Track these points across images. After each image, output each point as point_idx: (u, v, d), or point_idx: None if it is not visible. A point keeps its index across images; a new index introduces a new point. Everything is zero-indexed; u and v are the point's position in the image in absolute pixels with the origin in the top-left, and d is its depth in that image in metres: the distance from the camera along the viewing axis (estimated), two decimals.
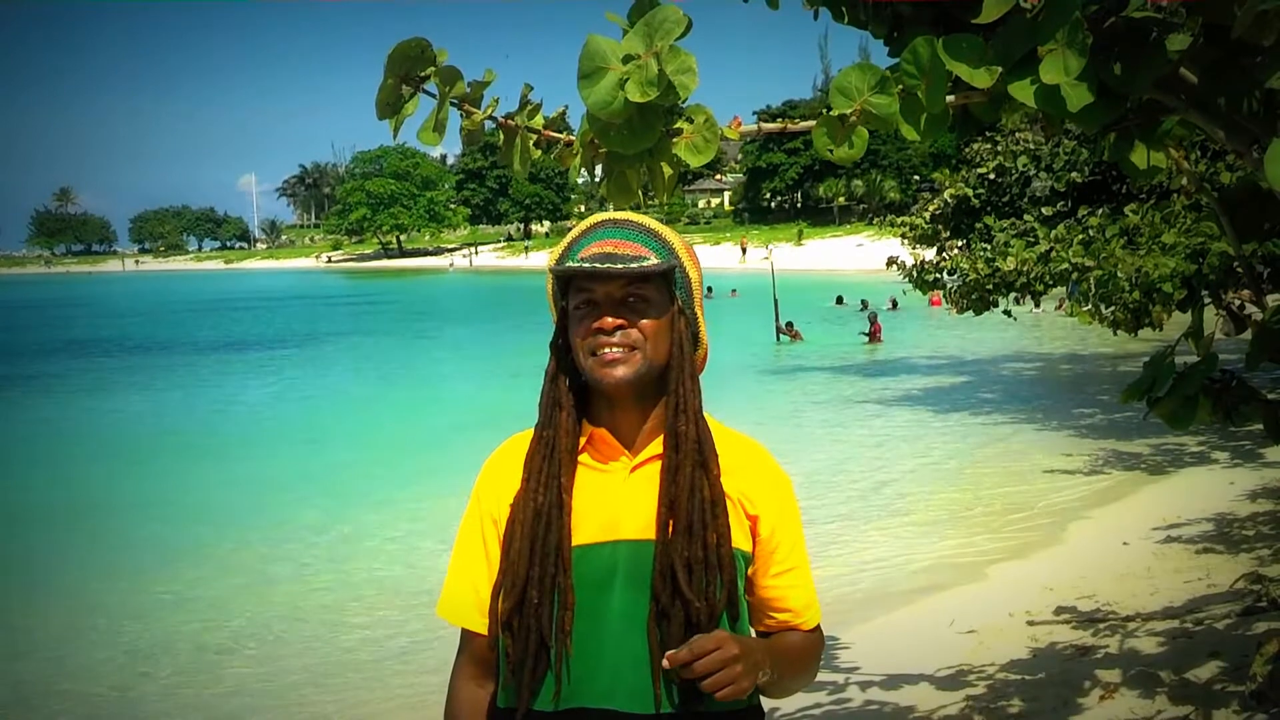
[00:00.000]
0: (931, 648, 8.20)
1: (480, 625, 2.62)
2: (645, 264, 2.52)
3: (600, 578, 2.54)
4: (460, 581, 2.67)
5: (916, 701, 7.06)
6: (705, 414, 2.63)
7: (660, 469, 2.56)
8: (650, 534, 2.53)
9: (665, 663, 2.39)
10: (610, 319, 2.51)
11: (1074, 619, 8.51)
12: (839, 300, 49.95)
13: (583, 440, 2.62)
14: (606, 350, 2.51)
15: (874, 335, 33.73)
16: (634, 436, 2.62)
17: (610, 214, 2.72)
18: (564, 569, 2.52)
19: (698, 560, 2.50)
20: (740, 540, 2.60)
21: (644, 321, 2.53)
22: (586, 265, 2.49)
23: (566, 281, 2.60)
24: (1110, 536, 11.25)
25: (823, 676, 7.75)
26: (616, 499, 2.57)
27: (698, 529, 2.51)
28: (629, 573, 2.53)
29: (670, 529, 2.51)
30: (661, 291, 2.59)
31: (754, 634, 2.70)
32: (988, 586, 10.15)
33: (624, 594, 2.53)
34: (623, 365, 2.51)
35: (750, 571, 2.66)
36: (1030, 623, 8.56)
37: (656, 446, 2.60)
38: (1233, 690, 6.25)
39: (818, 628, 2.78)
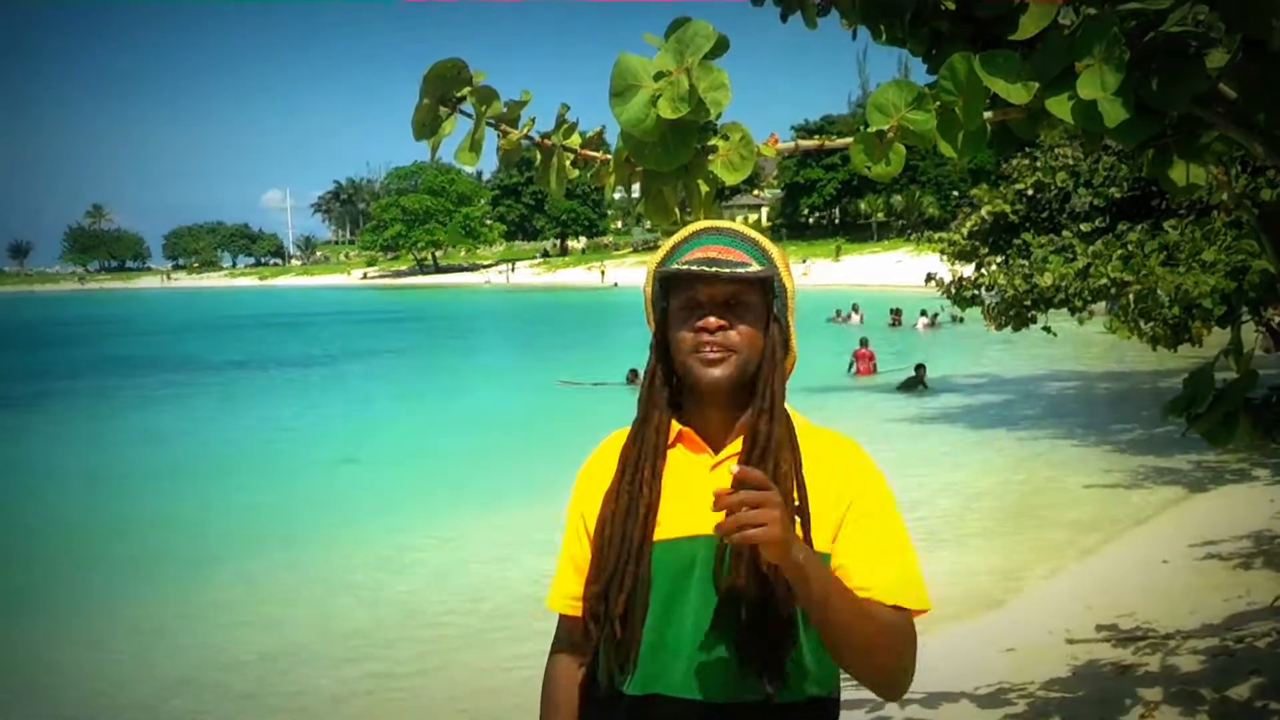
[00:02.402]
0: (971, 666, 8.16)
1: (568, 609, 2.80)
2: (749, 269, 2.61)
3: (681, 571, 2.63)
4: (559, 573, 2.85)
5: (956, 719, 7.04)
6: (795, 414, 2.73)
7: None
8: None
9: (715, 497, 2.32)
10: (714, 319, 2.60)
11: (1114, 637, 8.46)
12: (838, 315, 49.83)
13: (671, 437, 2.72)
14: (708, 349, 2.60)
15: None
16: (719, 436, 2.72)
17: (713, 222, 2.80)
18: (644, 562, 2.64)
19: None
20: (820, 542, 2.58)
21: (742, 325, 2.63)
22: (695, 268, 2.58)
23: (667, 284, 2.70)
24: (1150, 554, 11.18)
25: (861, 694, 7.70)
26: (698, 495, 2.60)
27: None
28: (707, 566, 2.61)
29: None
30: (760, 297, 2.68)
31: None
32: (1027, 604, 10.10)
33: (701, 586, 2.61)
34: (721, 365, 2.60)
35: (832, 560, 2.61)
36: (1070, 641, 8.52)
37: (737, 445, 2.68)
38: (1274, 708, 6.21)
39: (906, 613, 2.60)
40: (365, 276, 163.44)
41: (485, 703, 8.93)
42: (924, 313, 44.60)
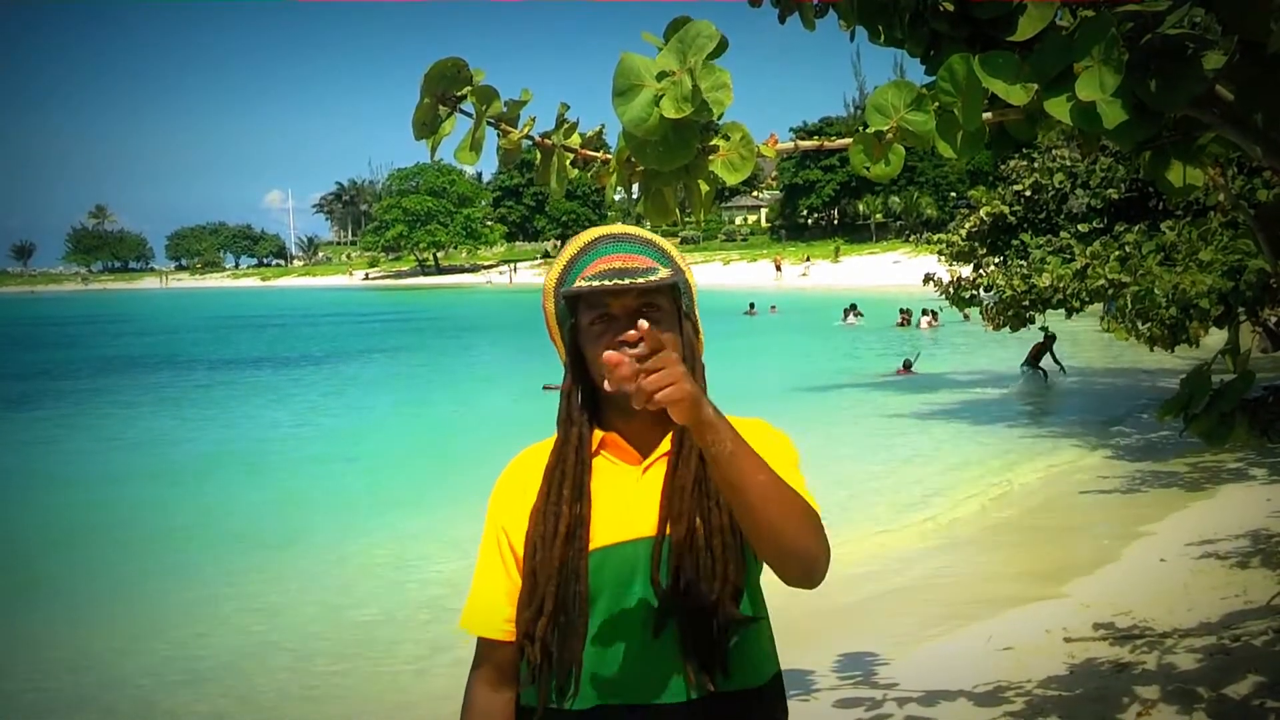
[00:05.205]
0: (969, 665, 8.17)
1: (498, 634, 2.68)
2: (659, 275, 2.52)
3: (623, 577, 2.60)
4: (480, 594, 2.73)
5: (954, 718, 7.05)
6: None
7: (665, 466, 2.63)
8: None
9: (609, 354, 2.33)
10: (633, 332, 2.48)
11: (1111, 636, 8.47)
12: (851, 313, 49.78)
13: (596, 444, 2.67)
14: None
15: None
16: (645, 439, 2.67)
17: (605, 229, 2.74)
18: (581, 578, 2.58)
19: (700, 548, 2.57)
20: None
21: (661, 332, 2.51)
22: (608, 283, 2.49)
23: (574, 300, 2.62)
24: (1147, 553, 11.19)
25: (860, 692, 7.75)
26: (632, 500, 2.63)
27: (705, 516, 2.58)
28: (649, 569, 2.59)
29: (672, 522, 2.58)
30: (670, 300, 2.62)
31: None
32: (1024, 603, 10.10)
33: (644, 589, 2.59)
34: None
35: None
36: (1067, 640, 8.52)
37: (666, 444, 2.66)
38: (1271, 706, 6.22)
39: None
40: (367, 277, 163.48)
41: None
42: (925, 311, 44.68)
